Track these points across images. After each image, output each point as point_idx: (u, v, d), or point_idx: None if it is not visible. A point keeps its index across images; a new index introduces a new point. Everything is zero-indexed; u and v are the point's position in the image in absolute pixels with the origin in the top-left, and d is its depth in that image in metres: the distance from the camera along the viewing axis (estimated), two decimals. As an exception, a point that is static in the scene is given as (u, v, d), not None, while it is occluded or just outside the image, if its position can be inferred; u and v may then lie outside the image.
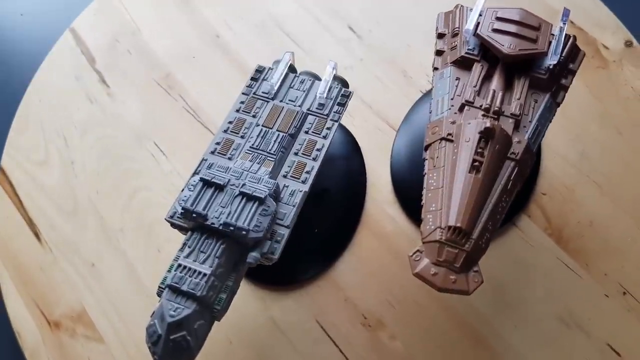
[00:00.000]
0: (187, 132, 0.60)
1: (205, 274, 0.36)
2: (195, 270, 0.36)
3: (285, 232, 0.39)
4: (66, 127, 0.61)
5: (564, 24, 0.44)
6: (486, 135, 0.37)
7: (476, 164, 0.37)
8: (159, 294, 0.37)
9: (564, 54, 0.43)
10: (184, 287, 0.35)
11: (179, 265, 0.36)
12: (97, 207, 0.56)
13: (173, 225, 0.40)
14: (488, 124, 0.37)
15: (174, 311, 0.35)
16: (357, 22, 0.65)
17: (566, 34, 0.44)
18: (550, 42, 0.43)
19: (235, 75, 0.63)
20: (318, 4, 0.66)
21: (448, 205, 0.36)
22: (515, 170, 0.38)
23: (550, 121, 0.42)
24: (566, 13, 0.44)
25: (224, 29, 0.66)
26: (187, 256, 0.37)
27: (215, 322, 0.37)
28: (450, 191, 0.36)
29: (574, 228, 0.52)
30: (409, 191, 0.55)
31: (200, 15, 0.67)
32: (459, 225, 0.35)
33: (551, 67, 0.42)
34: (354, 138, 0.58)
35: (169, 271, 0.38)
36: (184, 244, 0.39)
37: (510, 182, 0.38)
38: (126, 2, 0.68)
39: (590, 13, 0.62)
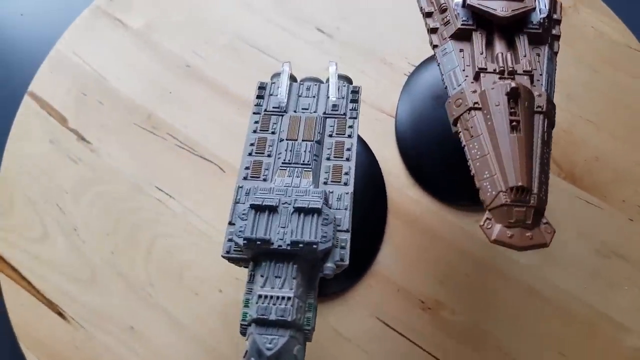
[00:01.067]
0: (186, 167, 0.58)
1: (289, 297, 0.35)
2: (277, 297, 0.35)
3: (346, 237, 0.39)
4: (56, 194, 0.57)
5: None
6: (514, 95, 0.39)
7: (514, 123, 0.38)
8: (243, 333, 0.36)
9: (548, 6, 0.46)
10: (272, 317, 0.34)
11: (259, 296, 0.35)
12: (117, 267, 0.53)
13: (231, 260, 0.39)
14: (513, 84, 0.39)
15: (270, 343, 0.34)
16: (323, 22, 0.65)
17: (543, -10, 0.47)
18: (536, -3, 0.45)
19: (216, 100, 0.61)
20: (281, 13, 0.66)
21: (502, 168, 0.37)
22: (546, 122, 0.40)
23: (556, 70, 0.45)
24: None
25: (192, 57, 0.64)
26: (264, 285, 0.36)
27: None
28: (498, 155, 0.37)
29: (583, 166, 0.55)
30: (423, 169, 0.56)
31: (163, 50, 0.65)
32: (520, 184, 0.36)
33: (542, 20, 0.44)
34: (357, 133, 0.58)
35: (246, 306, 0.36)
36: (251, 275, 0.37)
37: (546, 134, 0.39)
38: (82, 53, 0.65)
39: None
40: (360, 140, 0.58)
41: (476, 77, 0.42)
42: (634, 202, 0.53)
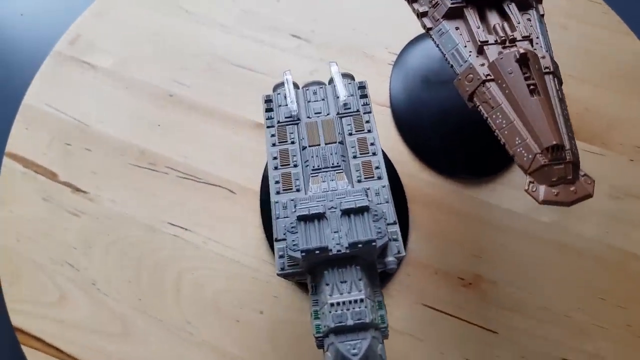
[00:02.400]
0: (195, 197, 0.56)
1: (361, 299, 0.35)
2: (350, 301, 0.35)
3: (396, 229, 0.39)
4: (64, 252, 0.54)
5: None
6: (524, 60, 0.40)
7: (532, 87, 0.39)
8: (320, 345, 0.35)
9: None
10: (350, 322, 0.34)
11: (332, 304, 0.35)
12: (148, 313, 0.51)
13: (286, 276, 0.38)
14: (521, 50, 0.40)
15: (354, 349, 0.33)
16: (297, 28, 0.65)
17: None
18: (514, -33, 0.46)
19: (209, 124, 0.60)
20: (253, 27, 0.65)
21: (532, 131, 0.38)
22: (555, 79, 0.41)
23: (547, 31, 0.46)
24: None
25: (173, 86, 0.62)
26: (332, 293, 0.35)
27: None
28: (524, 120, 0.39)
29: (576, 119, 0.58)
30: (432, 151, 0.57)
31: (141, 83, 0.62)
32: (554, 142, 0.37)
33: (531, -16, 0.46)
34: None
35: (316, 318, 0.36)
36: (313, 287, 0.37)
37: (560, 92, 0.41)
38: (55, 103, 0.62)
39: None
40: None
41: (480, 51, 0.43)
42: (631, 144, 0.56)
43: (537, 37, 0.44)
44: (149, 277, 0.53)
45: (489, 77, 0.41)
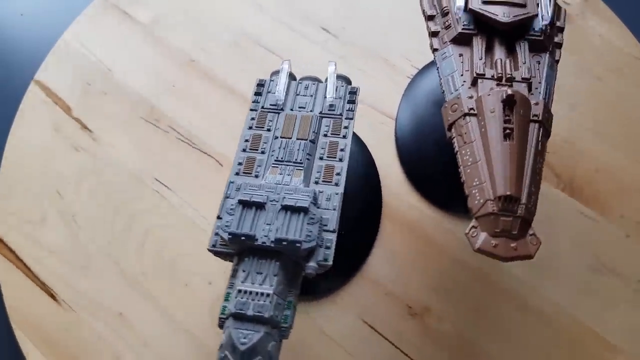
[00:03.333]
0: (186, 161, 0.58)
1: (268, 294, 0.35)
2: (257, 293, 0.35)
3: (332, 237, 0.39)
4: (57, 180, 0.58)
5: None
6: (509, 102, 0.38)
7: (507, 131, 0.38)
8: (221, 326, 0.36)
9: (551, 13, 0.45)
10: (250, 312, 0.34)
11: (239, 290, 0.35)
12: (111, 255, 0.54)
13: (216, 253, 0.39)
14: (509, 91, 0.38)
15: (245, 338, 0.34)
16: (329, 22, 0.65)
17: (546, -7, 0.46)
18: (538, 4, 0.44)
19: (219, 96, 0.62)
20: (287, 12, 0.66)
21: (491, 176, 0.36)
22: (541, 131, 0.39)
23: (556, 79, 0.44)
24: None
25: (197, 53, 0.64)
26: (244, 280, 0.36)
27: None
28: (489, 163, 0.37)
29: (583, 178, 0.54)
30: (422, 175, 0.55)
31: (169, 44, 0.65)
32: (508, 193, 0.35)
33: (544, 27, 0.44)
34: (356, 135, 0.58)
35: (226, 300, 0.37)
36: (235, 270, 0.38)
37: (540, 143, 0.39)
38: (88, 44, 0.65)
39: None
40: (359, 141, 0.57)
41: (474, 83, 0.42)
42: (633, 218, 0.52)
43: (539, 82, 0.42)
44: (122, 224, 0.55)
45: (471, 111, 0.40)
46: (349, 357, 0.48)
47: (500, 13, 0.43)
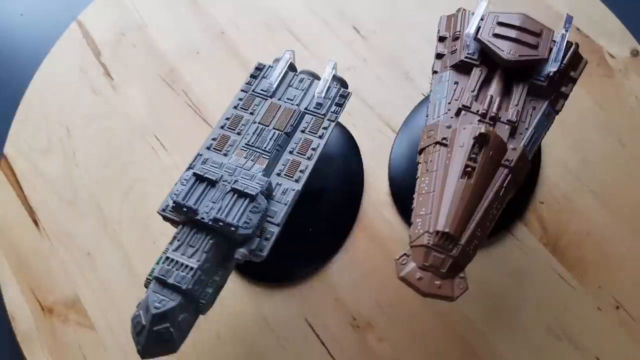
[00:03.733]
0: (188, 127, 0.60)
1: (192, 268, 0.36)
2: (182, 264, 0.36)
3: (275, 230, 0.39)
4: (69, 117, 0.62)
5: (567, 30, 0.44)
6: (480, 141, 0.37)
7: (469, 169, 0.36)
8: (146, 285, 0.37)
9: (564, 62, 0.43)
10: (170, 280, 0.36)
11: (167, 258, 0.37)
12: (97, 197, 0.57)
13: (165, 218, 0.41)
14: (483, 130, 0.37)
15: (159, 303, 0.35)
16: (362, 23, 0.65)
17: (568, 41, 0.44)
18: (551, 49, 0.42)
19: (238, 73, 0.63)
20: (324, 4, 0.66)
21: (438, 209, 0.36)
22: (509, 178, 0.38)
23: (548, 129, 0.42)
24: (569, 20, 0.44)
25: (229, 26, 0.66)
26: (176, 249, 0.37)
27: (206, 316, 0.38)
28: (441, 196, 0.36)
29: (571, 238, 0.52)
30: (406, 195, 0.54)
31: (206, 12, 0.67)
32: (447, 230, 0.34)
33: (551, 74, 0.42)
34: (354, 138, 0.58)
35: (157, 263, 0.38)
36: (174, 237, 0.39)
37: (503, 190, 0.37)
38: (134, -4, 0.69)
39: (597, 20, 0.61)
40: (354, 145, 0.57)
41: (457, 113, 0.41)
42: (610, 292, 0.49)
43: (526, 128, 0.40)
44: (113, 170, 0.58)
45: (444, 141, 0.39)
46: (282, 350, 0.49)
47: (506, 49, 0.42)
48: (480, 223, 0.36)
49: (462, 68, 0.43)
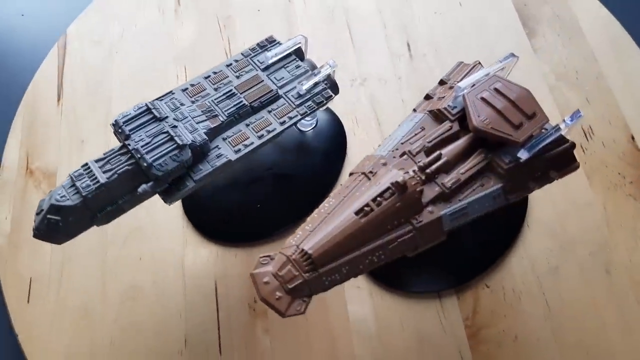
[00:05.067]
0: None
1: (98, 182, 0.39)
2: (94, 175, 0.40)
3: (190, 185, 0.41)
4: (127, 22, 0.67)
5: (566, 125, 0.40)
6: (395, 188, 0.36)
7: (367, 208, 0.36)
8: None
9: (545, 155, 0.40)
10: (77, 183, 0.39)
11: (87, 164, 0.40)
12: (113, 108, 0.62)
13: (114, 132, 0.44)
14: (400, 178, 0.36)
15: (60, 197, 0.39)
16: (418, 42, 0.64)
17: (564, 138, 0.41)
18: (531, 136, 0.39)
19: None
20: (393, 10, 0.66)
21: (318, 231, 0.36)
22: (409, 236, 0.36)
23: (488, 212, 0.39)
24: (576, 115, 0.40)
25: (299, 2, 0.67)
26: (97, 161, 0.41)
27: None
28: (330, 221, 0.36)
29: (496, 334, 0.48)
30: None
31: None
32: (310, 252, 0.34)
33: (514, 160, 0.39)
34: (346, 145, 0.57)
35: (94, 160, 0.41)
36: (109, 151, 0.42)
37: (395, 244, 0.36)
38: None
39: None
40: (343, 151, 0.57)
41: (401, 155, 0.40)
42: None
43: (459, 200, 0.38)
44: (138, 85, 0.63)
45: (369, 174, 0.38)
46: (182, 298, 0.51)
47: (482, 116, 0.39)
48: (352, 262, 0.35)
49: (437, 117, 0.42)
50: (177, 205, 0.55)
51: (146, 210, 0.54)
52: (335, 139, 0.57)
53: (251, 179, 0.55)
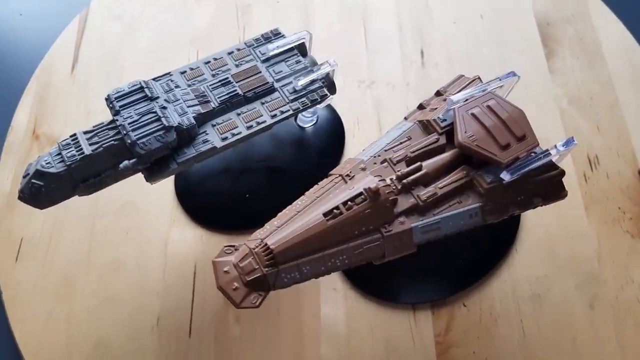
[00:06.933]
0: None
1: (83, 153, 0.40)
2: (80, 146, 0.41)
3: (172, 167, 0.42)
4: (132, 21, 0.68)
5: (558, 151, 0.39)
6: (367, 194, 0.36)
7: (336, 211, 0.35)
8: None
9: (531, 180, 0.38)
10: (63, 152, 0.40)
11: (74, 135, 0.41)
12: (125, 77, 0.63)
13: (107, 105, 0.45)
14: (373, 185, 0.36)
15: (46, 164, 0.40)
16: (432, 51, 0.63)
17: (554, 164, 0.39)
18: (517, 158, 0.38)
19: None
20: (412, 14, 0.65)
21: (284, 228, 0.36)
22: (376, 244, 0.36)
23: (463, 230, 0.39)
24: (569, 142, 0.39)
25: (321, -2, 0.67)
26: (86, 133, 0.42)
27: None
28: (298, 219, 0.36)
29: (465, 354, 0.47)
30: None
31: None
32: (273, 247, 0.34)
33: (496, 181, 0.38)
34: (344, 145, 0.57)
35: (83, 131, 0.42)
36: (103, 123, 0.43)
37: (361, 250, 0.36)
38: None
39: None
40: (340, 148, 0.57)
41: (382, 162, 0.39)
42: None
43: (434, 215, 0.37)
44: (153, 56, 0.64)
45: (346, 177, 0.38)
46: (160, 280, 0.52)
47: (469, 132, 0.39)
48: (314, 263, 0.35)
49: (426, 128, 0.41)
50: (170, 185, 0.56)
51: (140, 186, 0.55)
52: (333, 138, 0.57)
53: (244, 169, 0.55)
